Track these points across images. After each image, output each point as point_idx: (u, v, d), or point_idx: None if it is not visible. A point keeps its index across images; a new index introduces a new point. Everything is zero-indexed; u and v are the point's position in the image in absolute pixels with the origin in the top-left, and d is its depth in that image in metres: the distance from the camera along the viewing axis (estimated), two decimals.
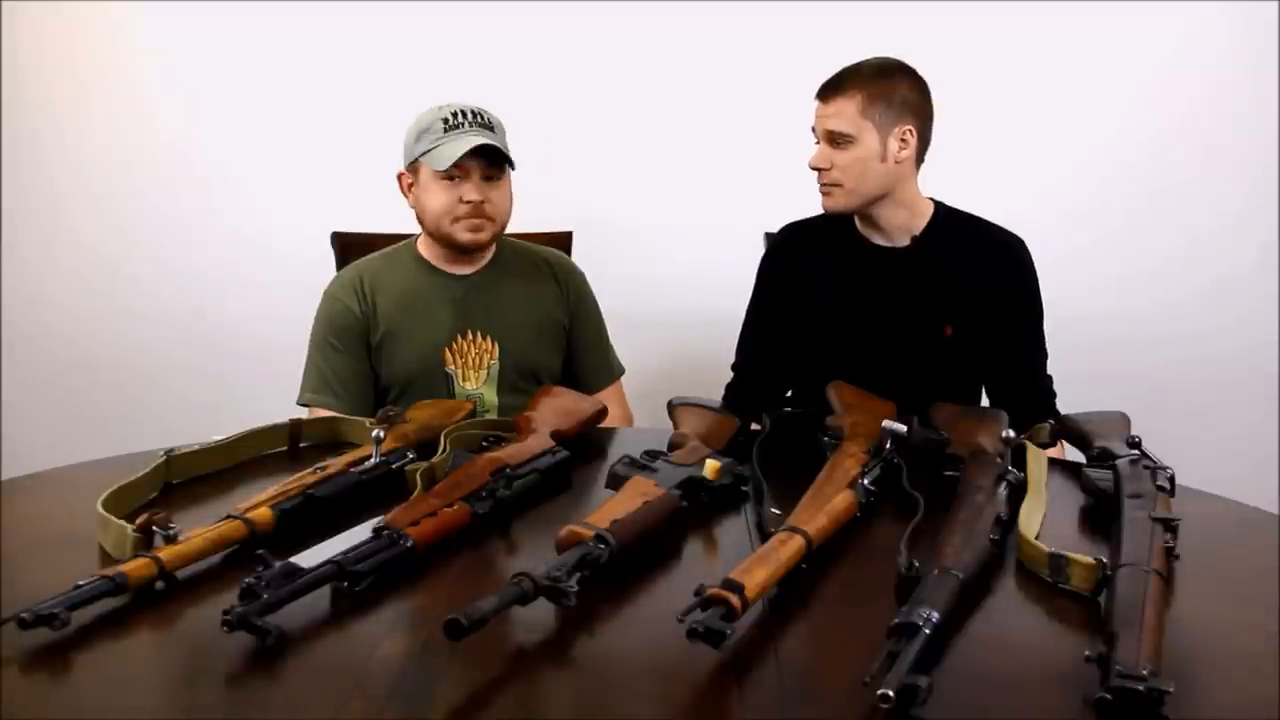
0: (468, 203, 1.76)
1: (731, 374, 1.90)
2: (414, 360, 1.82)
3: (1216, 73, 2.43)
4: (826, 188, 1.73)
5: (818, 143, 1.73)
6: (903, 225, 1.76)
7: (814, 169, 1.73)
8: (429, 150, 1.75)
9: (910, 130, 1.71)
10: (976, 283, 1.75)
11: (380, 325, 1.83)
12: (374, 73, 2.53)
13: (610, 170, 2.52)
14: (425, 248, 1.88)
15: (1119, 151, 2.47)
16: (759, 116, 2.46)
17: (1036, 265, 1.81)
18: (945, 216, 1.79)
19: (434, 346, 1.82)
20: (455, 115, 1.76)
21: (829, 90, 1.71)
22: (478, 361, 1.82)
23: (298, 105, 2.57)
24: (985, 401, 1.85)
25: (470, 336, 1.83)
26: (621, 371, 1.98)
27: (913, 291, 1.75)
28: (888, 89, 1.69)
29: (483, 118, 1.78)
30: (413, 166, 1.80)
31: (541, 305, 1.89)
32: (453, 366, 1.82)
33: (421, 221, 1.83)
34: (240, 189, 2.61)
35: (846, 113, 1.69)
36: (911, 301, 1.75)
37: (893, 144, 1.69)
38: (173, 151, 2.60)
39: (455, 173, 1.74)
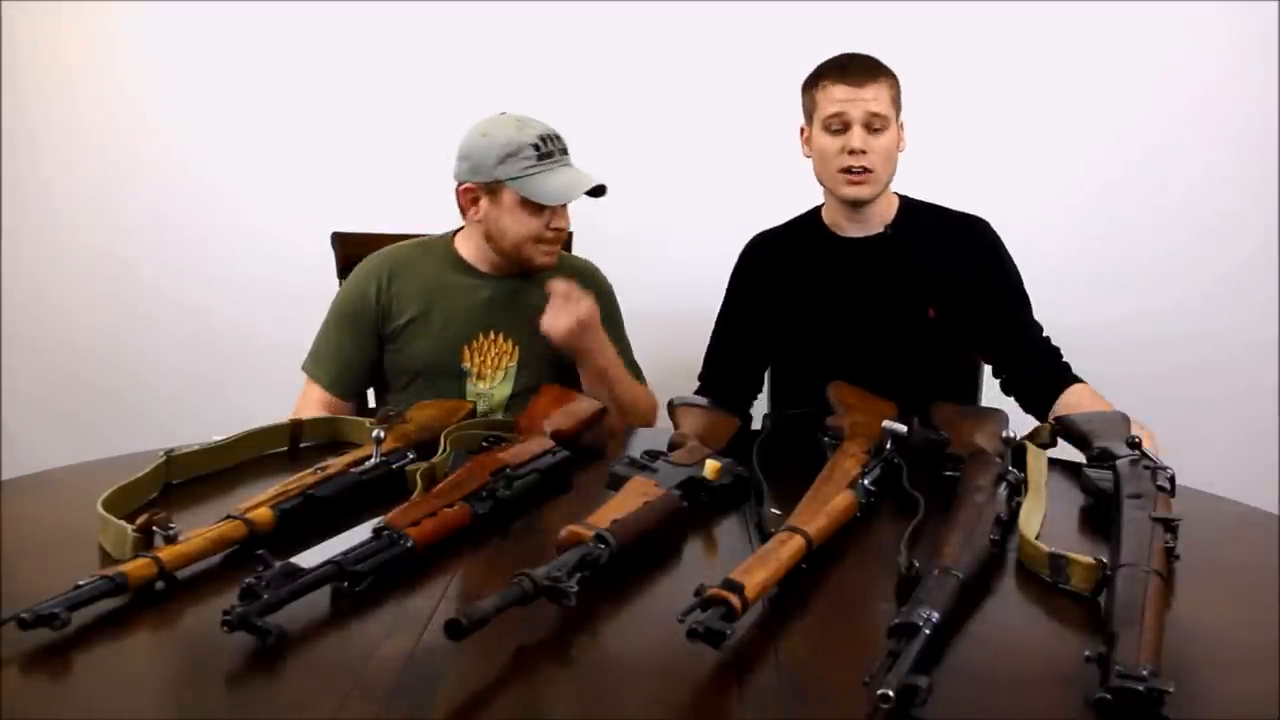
0: (554, 230, 1.77)
1: (698, 383, 1.90)
2: (432, 351, 1.82)
3: (1216, 73, 2.43)
4: (860, 174, 1.71)
5: (839, 130, 1.70)
6: (881, 215, 1.79)
7: (855, 151, 1.69)
8: (523, 178, 1.73)
9: (902, 124, 1.75)
10: (951, 263, 1.78)
11: (402, 313, 1.83)
12: (374, 73, 2.53)
13: (609, 171, 2.51)
14: (464, 247, 1.87)
15: (1119, 153, 2.47)
16: (755, 117, 2.46)
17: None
18: (911, 206, 1.83)
19: (455, 341, 1.82)
20: (544, 140, 1.75)
21: (865, 76, 1.70)
22: (496, 362, 1.82)
23: (298, 105, 2.57)
24: (986, 382, 1.86)
25: (492, 336, 1.83)
26: (643, 382, 1.95)
27: (892, 277, 1.77)
28: (897, 81, 1.74)
29: (562, 141, 1.79)
30: (490, 187, 1.75)
31: None
32: (469, 364, 1.82)
33: (494, 239, 1.79)
34: (240, 189, 2.61)
35: (884, 99, 1.71)
36: (892, 287, 1.77)
37: (901, 135, 1.75)
38: (172, 152, 2.60)
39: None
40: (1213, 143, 2.45)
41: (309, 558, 1.03)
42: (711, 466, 1.31)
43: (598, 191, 1.78)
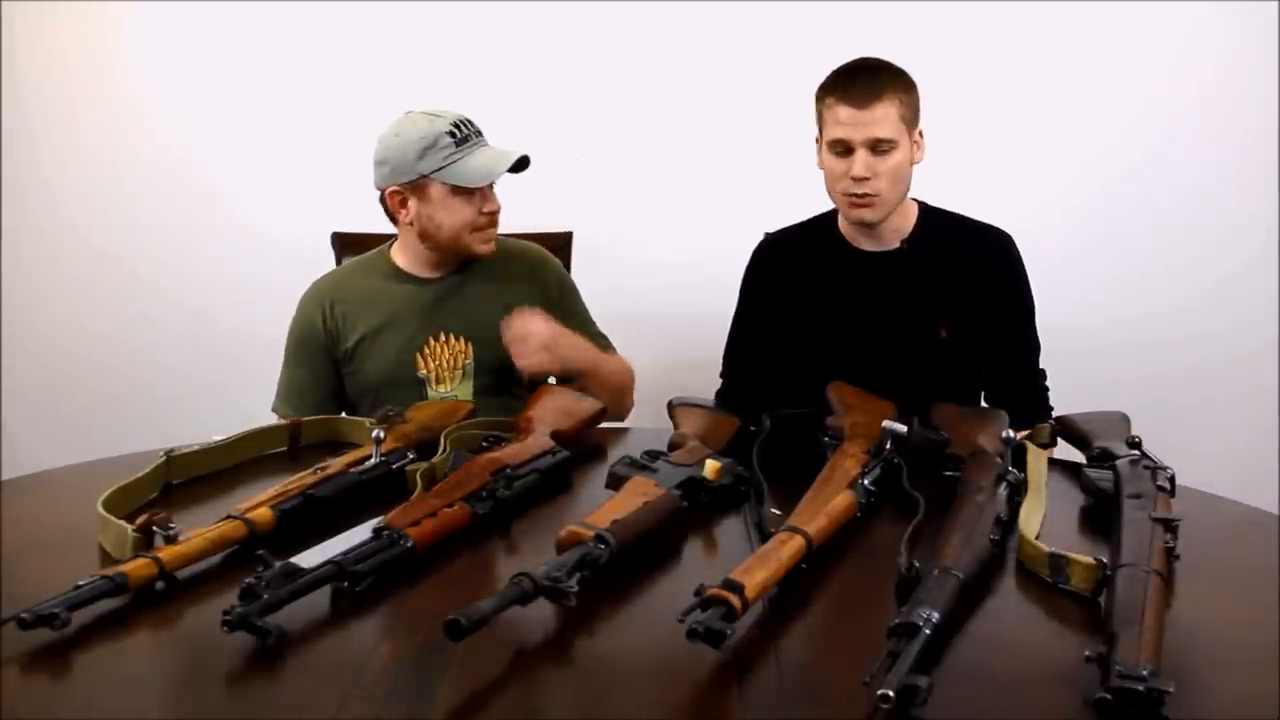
0: (488, 214, 1.76)
1: (720, 382, 1.90)
2: (385, 366, 1.81)
3: (1216, 73, 2.43)
4: (866, 199, 1.65)
5: (843, 153, 1.65)
6: (896, 228, 1.75)
7: (858, 179, 1.63)
8: (445, 167, 1.72)
9: (920, 133, 1.70)
10: (968, 281, 1.74)
11: (350, 335, 1.82)
12: (374, 73, 2.53)
13: (610, 171, 2.52)
14: (401, 255, 1.86)
15: (1119, 153, 2.47)
16: (757, 116, 2.46)
17: (1036, 267, 1.81)
18: (930, 216, 1.78)
19: (407, 351, 1.81)
20: (458, 126, 1.74)
21: (869, 96, 1.62)
22: (451, 363, 1.81)
23: (297, 105, 2.57)
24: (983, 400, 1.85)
25: (443, 339, 1.82)
26: (609, 346, 1.94)
27: (905, 296, 1.74)
28: (912, 91, 1.68)
29: (475, 125, 1.78)
30: (415, 185, 1.74)
31: (517, 302, 1.83)
32: (425, 371, 1.81)
33: (430, 236, 1.78)
34: (240, 189, 2.61)
35: (891, 118, 1.63)
36: (904, 306, 1.74)
37: (914, 149, 1.69)
38: (173, 152, 2.60)
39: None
40: (1213, 143, 2.45)
41: (309, 558, 1.03)
42: (711, 466, 1.31)
43: (521, 165, 1.77)
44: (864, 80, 1.65)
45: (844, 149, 1.65)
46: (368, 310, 1.83)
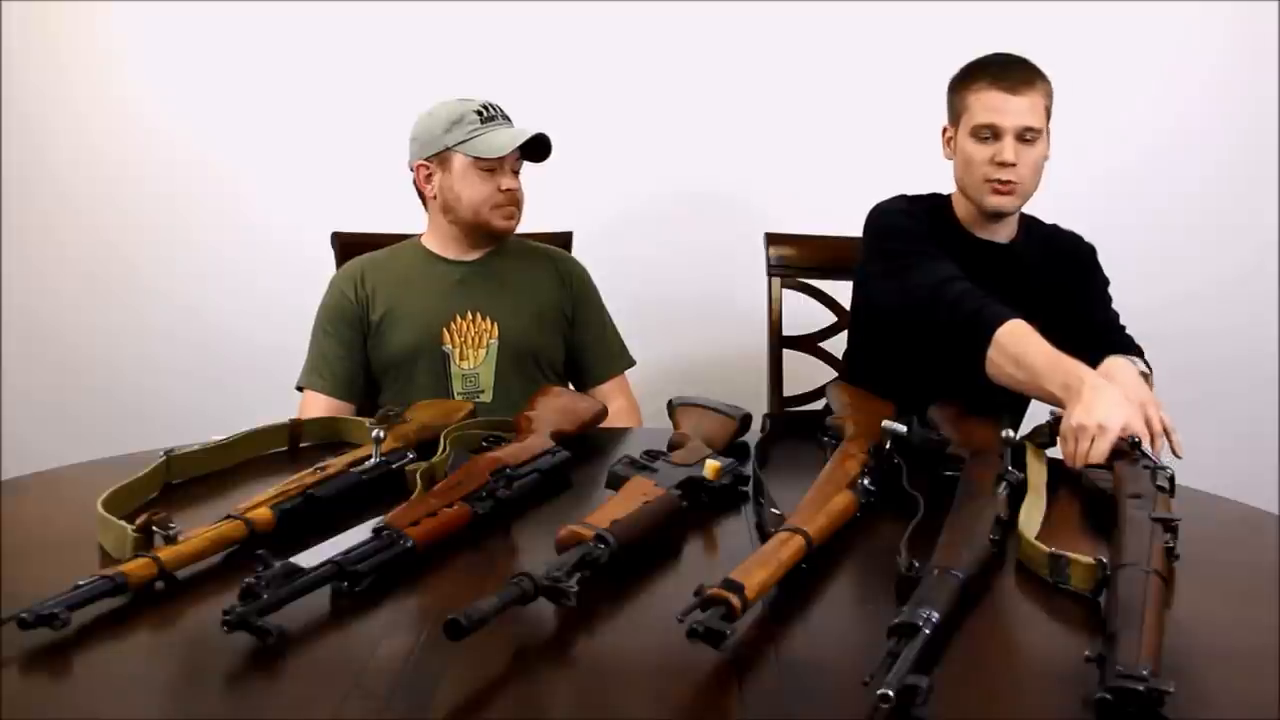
0: (506, 191, 1.83)
1: (947, 286, 1.64)
2: (412, 338, 1.85)
3: (1216, 73, 2.43)
4: (1007, 185, 1.65)
5: (989, 138, 1.64)
6: (1010, 224, 1.76)
7: (1005, 164, 1.63)
8: (468, 140, 1.80)
9: (1049, 130, 1.70)
10: (1064, 283, 1.75)
11: (379, 307, 1.87)
12: (374, 72, 2.53)
13: (610, 170, 2.52)
14: (431, 239, 1.93)
15: (1118, 152, 2.47)
16: (759, 116, 2.46)
17: None
18: (1028, 220, 1.80)
19: (433, 324, 1.85)
20: (486, 108, 1.84)
21: (1021, 83, 1.63)
22: (476, 341, 1.86)
23: (298, 105, 2.57)
24: None
25: (470, 316, 1.86)
26: (630, 364, 2.00)
27: (1011, 288, 1.70)
28: (1051, 89, 1.68)
29: (503, 110, 1.87)
30: (440, 157, 1.83)
31: (542, 291, 1.92)
32: (450, 345, 1.85)
33: (451, 209, 1.86)
34: (240, 189, 2.61)
35: (1039, 109, 1.65)
36: (1010, 299, 1.71)
37: (1047, 143, 1.69)
38: (173, 152, 2.60)
39: (494, 163, 1.81)
40: (1212, 143, 2.45)
41: (309, 558, 1.02)
42: (711, 466, 1.31)
43: (542, 149, 1.84)
44: (1018, 68, 1.66)
45: (993, 134, 1.65)
46: (397, 286, 1.89)
